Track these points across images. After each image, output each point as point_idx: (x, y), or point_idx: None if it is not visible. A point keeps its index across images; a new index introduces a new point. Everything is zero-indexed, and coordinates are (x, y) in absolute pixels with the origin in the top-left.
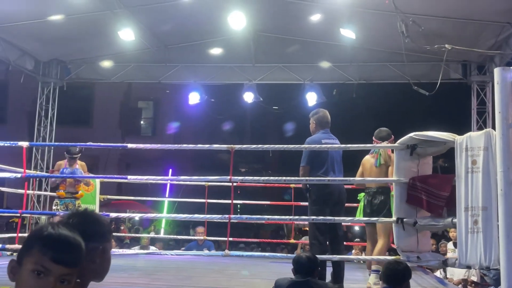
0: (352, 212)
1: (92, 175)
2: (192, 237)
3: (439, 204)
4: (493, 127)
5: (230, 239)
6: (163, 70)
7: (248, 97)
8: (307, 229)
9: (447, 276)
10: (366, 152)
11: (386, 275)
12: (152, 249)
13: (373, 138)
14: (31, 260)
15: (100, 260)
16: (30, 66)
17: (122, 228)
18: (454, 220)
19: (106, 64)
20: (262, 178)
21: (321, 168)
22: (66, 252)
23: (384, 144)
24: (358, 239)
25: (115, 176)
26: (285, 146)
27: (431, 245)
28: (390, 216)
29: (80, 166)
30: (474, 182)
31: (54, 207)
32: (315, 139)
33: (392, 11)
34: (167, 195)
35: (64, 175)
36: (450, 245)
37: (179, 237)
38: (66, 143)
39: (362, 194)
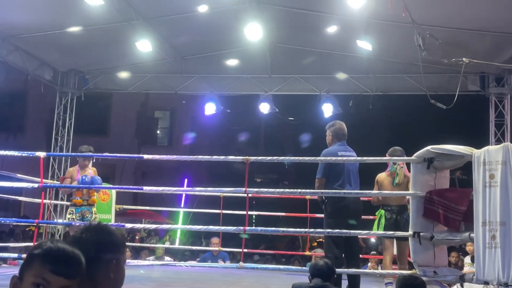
0: (368, 224)
1: (109, 185)
2: (207, 248)
3: (456, 219)
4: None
5: (245, 250)
6: (180, 80)
7: (264, 108)
8: (322, 240)
9: None
10: (382, 165)
11: None
12: (167, 259)
13: (387, 155)
14: (31, 274)
15: (115, 273)
16: (49, 76)
17: (136, 238)
18: (472, 234)
19: (124, 74)
20: (278, 190)
21: (337, 180)
22: (65, 264)
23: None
24: (374, 252)
25: (131, 187)
26: (300, 158)
27: (454, 258)
28: None
29: (93, 173)
30: (492, 196)
31: (68, 216)
32: (331, 151)
33: (409, 23)
34: (182, 205)
35: (81, 185)
36: (467, 259)
37: (194, 247)
38: (83, 154)
39: (382, 211)
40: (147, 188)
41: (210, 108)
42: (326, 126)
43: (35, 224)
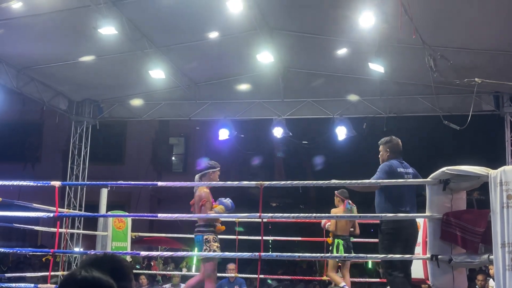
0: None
1: (124, 213)
2: (224, 275)
3: (474, 240)
4: None
5: (261, 276)
6: (193, 107)
7: (278, 132)
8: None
9: None
10: None
11: None
12: (183, 286)
13: (337, 194)
14: None
15: None
16: (64, 106)
17: (152, 264)
18: (491, 257)
19: (137, 102)
20: (292, 214)
21: (399, 201)
22: None
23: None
24: None
25: (146, 214)
26: (314, 182)
27: (480, 282)
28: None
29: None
30: (510, 217)
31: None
32: (393, 165)
33: (420, 45)
34: None
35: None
36: (491, 282)
37: None
38: (98, 182)
39: (340, 240)
40: (162, 215)
41: (223, 134)
42: (380, 142)
43: (51, 254)
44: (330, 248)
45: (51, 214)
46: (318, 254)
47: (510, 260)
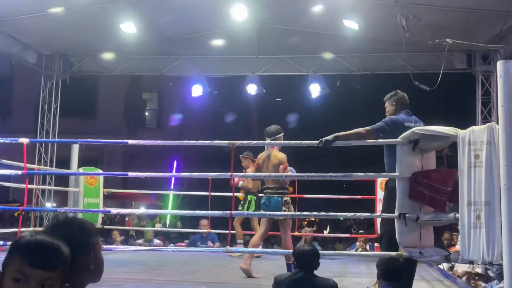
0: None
1: (96, 169)
2: (197, 230)
3: (442, 199)
4: (498, 119)
5: (233, 231)
6: (166, 62)
7: (252, 89)
8: (312, 220)
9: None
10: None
11: (385, 272)
12: (157, 242)
13: (245, 156)
14: (11, 269)
15: (94, 263)
16: (33, 60)
17: (126, 219)
18: (457, 215)
19: (109, 56)
20: (262, 174)
21: None
22: (43, 256)
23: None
24: (362, 231)
25: (116, 173)
26: (286, 142)
27: (447, 241)
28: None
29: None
30: (477, 176)
31: None
32: (399, 119)
33: (393, 3)
34: (172, 187)
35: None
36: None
37: (183, 230)
38: (67, 140)
39: (253, 196)
40: (132, 174)
41: (197, 90)
42: (385, 99)
43: (20, 211)
44: (241, 203)
45: (20, 172)
46: (289, 213)
47: (475, 218)
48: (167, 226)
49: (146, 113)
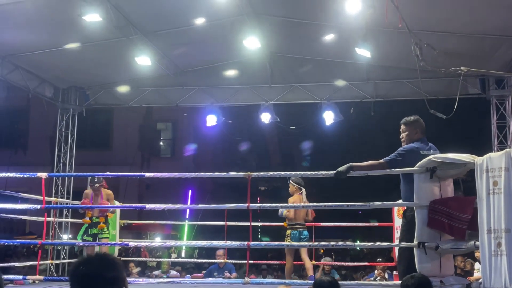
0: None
1: (114, 204)
2: (213, 260)
3: (461, 227)
4: None
5: (251, 261)
6: (180, 93)
7: (265, 117)
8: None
9: None
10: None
11: None
12: (173, 273)
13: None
14: None
15: None
16: (50, 94)
17: (142, 250)
18: (477, 243)
19: (124, 89)
20: (280, 204)
21: None
22: None
23: None
24: (380, 259)
25: (134, 205)
26: (302, 172)
27: (461, 263)
28: None
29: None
30: (496, 203)
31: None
32: (413, 149)
33: (406, 31)
34: (187, 217)
35: (83, 205)
36: (477, 265)
37: (199, 260)
38: (84, 173)
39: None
40: (150, 206)
41: (211, 120)
42: (405, 122)
43: (39, 246)
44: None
45: (38, 206)
46: (307, 244)
47: (496, 245)
48: (183, 255)
49: (161, 143)
